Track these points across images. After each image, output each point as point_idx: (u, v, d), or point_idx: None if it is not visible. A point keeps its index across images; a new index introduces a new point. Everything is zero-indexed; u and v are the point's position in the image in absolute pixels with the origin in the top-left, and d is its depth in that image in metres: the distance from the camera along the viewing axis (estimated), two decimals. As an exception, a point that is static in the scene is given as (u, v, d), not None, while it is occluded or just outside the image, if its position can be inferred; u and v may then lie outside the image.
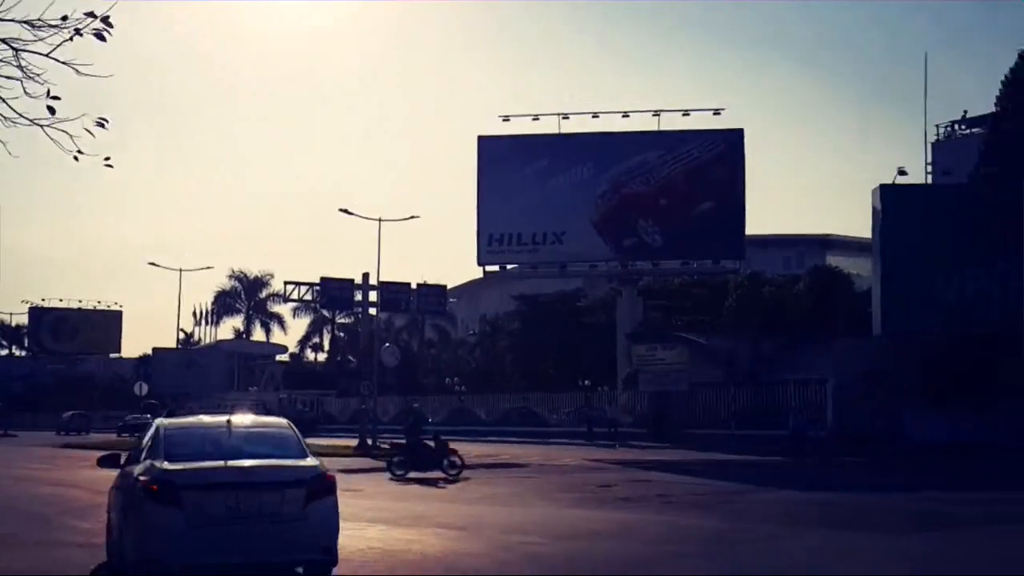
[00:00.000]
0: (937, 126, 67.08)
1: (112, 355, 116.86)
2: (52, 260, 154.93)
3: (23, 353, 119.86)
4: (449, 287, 53.94)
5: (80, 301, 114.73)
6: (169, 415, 15.25)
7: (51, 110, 8.45)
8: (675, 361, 47.70)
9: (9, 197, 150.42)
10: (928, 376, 37.24)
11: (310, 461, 10.60)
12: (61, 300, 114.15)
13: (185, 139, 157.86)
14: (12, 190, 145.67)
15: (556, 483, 24.87)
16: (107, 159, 9.15)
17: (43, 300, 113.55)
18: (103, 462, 12.60)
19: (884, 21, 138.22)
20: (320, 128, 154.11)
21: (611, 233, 55.17)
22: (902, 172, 43.48)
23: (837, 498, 20.36)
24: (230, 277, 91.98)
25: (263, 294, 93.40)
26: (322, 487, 10.28)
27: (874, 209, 40.06)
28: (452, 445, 26.78)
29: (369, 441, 42.57)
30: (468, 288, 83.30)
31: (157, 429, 11.19)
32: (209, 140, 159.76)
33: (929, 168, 72.66)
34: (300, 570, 10.49)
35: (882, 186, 39.86)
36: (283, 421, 11.96)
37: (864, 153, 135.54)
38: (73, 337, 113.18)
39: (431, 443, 27.11)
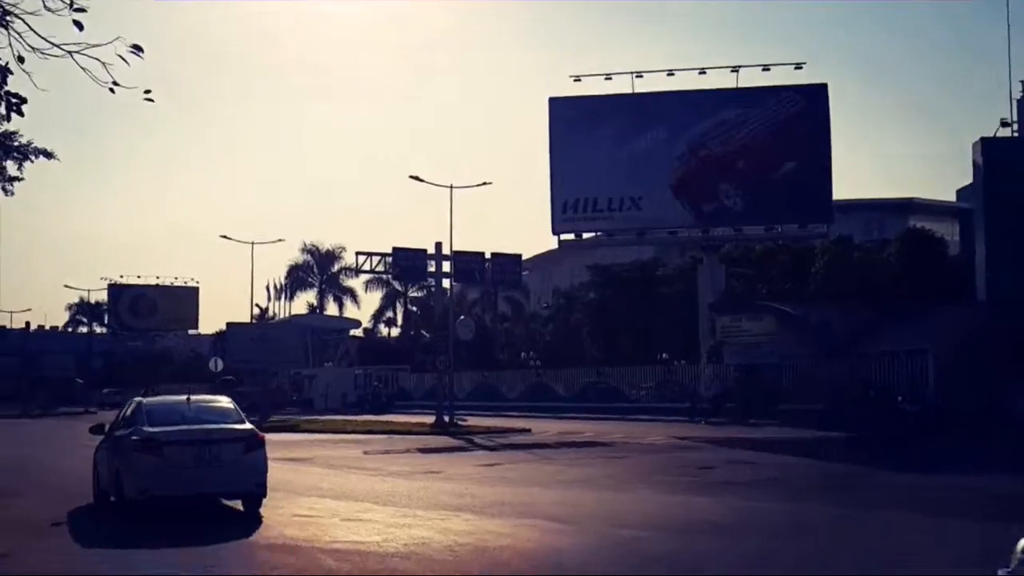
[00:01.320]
0: (1022, 81, 63.95)
1: (190, 331, 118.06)
2: (129, 238, 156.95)
3: (103, 330, 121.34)
4: (524, 258, 52.19)
5: (157, 278, 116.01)
6: (145, 395, 18.94)
7: (78, 25, 7.14)
8: (763, 332, 45.45)
9: (85, 178, 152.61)
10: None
11: (247, 426, 15.13)
12: (139, 277, 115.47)
13: (252, 114, 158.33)
14: (84, 171, 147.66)
15: (650, 464, 23.24)
16: (147, 92, 8.63)
17: (121, 277, 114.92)
18: (93, 430, 17.04)
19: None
20: (389, 98, 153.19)
21: (690, 197, 53.09)
22: (1005, 124, 40.60)
23: (965, 481, 18.35)
24: (303, 251, 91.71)
25: (335, 268, 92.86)
26: (255, 442, 14.75)
27: (975, 165, 37.52)
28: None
29: (446, 418, 41.27)
30: (541, 259, 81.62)
31: (139, 404, 15.77)
32: (275, 114, 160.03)
33: (1015, 127, 69.49)
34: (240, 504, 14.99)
35: (983, 139, 37.24)
36: (226, 398, 16.95)
37: (943, 114, 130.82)
38: (152, 314, 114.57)
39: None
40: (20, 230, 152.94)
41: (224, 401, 16.56)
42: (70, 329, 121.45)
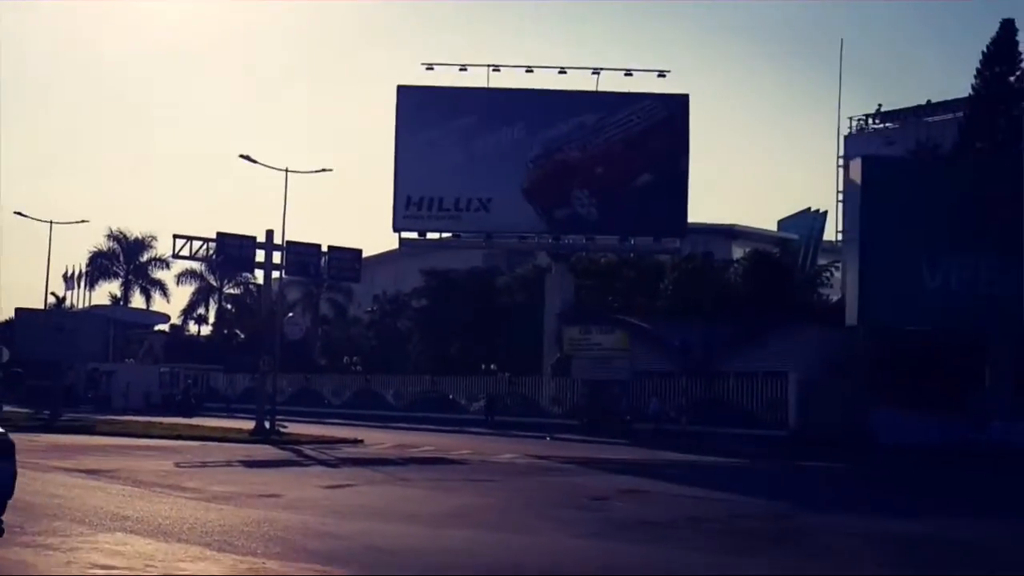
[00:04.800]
0: (851, 119, 64.92)
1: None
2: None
3: None
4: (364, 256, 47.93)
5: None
6: None
7: None
8: (614, 347, 43.00)
9: None
10: (905, 374, 33.55)
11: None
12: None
13: (75, 94, 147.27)
14: None
15: (528, 491, 19.70)
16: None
17: None
18: None
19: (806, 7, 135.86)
20: (224, 79, 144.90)
21: (543, 202, 50.17)
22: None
23: (922, 529, 15.54)
24: (108, 237, 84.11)
25: (144, 257, 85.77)
26: (7, 447, 12.36)
27: (850, 184, 35.96)
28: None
29: (267, 424, 36.76)
30: (372, 261, 77.24)
31: None
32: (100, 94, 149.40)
33: (841, 161, 70.44)
34: None
35: (864, 157, 35.74)
36: None
37: (771, 142, 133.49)
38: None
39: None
40: None
41: None
42: None
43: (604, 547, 12.39)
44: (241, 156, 39.64)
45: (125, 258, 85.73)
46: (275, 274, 40.53)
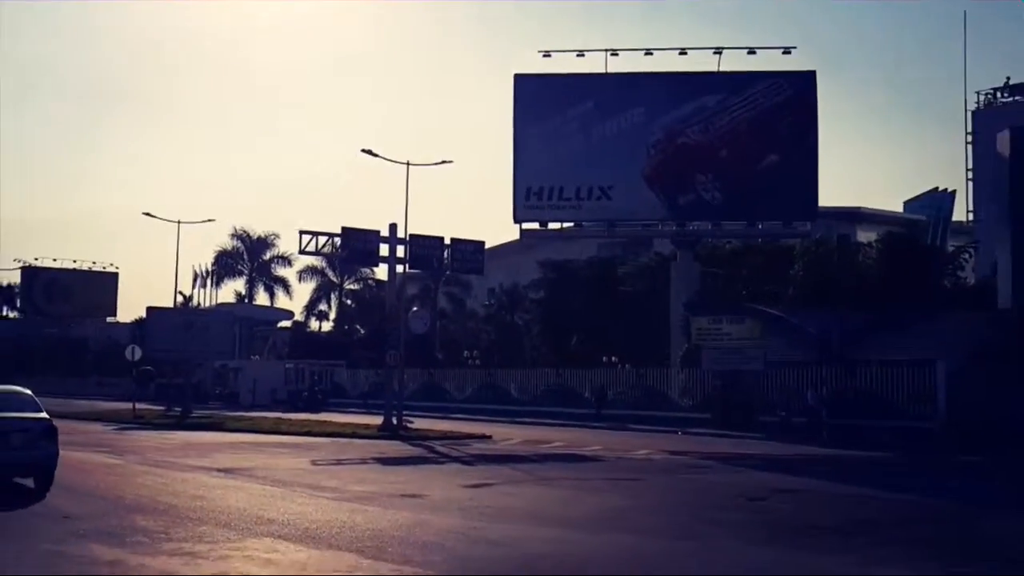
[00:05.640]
0: (978, 93, 61.72)
1: (108, 319, 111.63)
2: (48, 221, 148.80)
3: (15, 314, 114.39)
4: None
5: (74, 262, 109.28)
6: None
7: None
8: (745, 336, 41.27)
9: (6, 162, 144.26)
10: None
11: (41, 415, 16.45)
12: (55, 260, 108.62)
13: (208, 97, 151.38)
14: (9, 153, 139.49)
15: (678, 491, 18.68)
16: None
17: (36, 259, 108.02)
18: None
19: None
20: (345, 76, 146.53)
21: (665, 188, 48.90)
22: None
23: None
24: (232, 236, 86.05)
25: (267, 255, 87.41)
26: (51, 431, 16.22)
27: (999, 157, 33.73)
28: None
29: (394, 420, 36.44)
30: (487, 255, 76.81)
31: None
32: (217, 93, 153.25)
33: (969, 137, 67.12)
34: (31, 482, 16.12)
35: (1013, 128, 33.47)
36: (26, 391, 17.62)
37: (895, 124, 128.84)
38: (67, 299, 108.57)
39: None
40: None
41: (25, 392, 17.79)
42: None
43: (790, 559, 11.27)
44: (363, 151, 39.55)
45: (249, 256, 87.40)
46: (398, 268, 40.28)
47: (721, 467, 24.04)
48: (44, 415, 16.49)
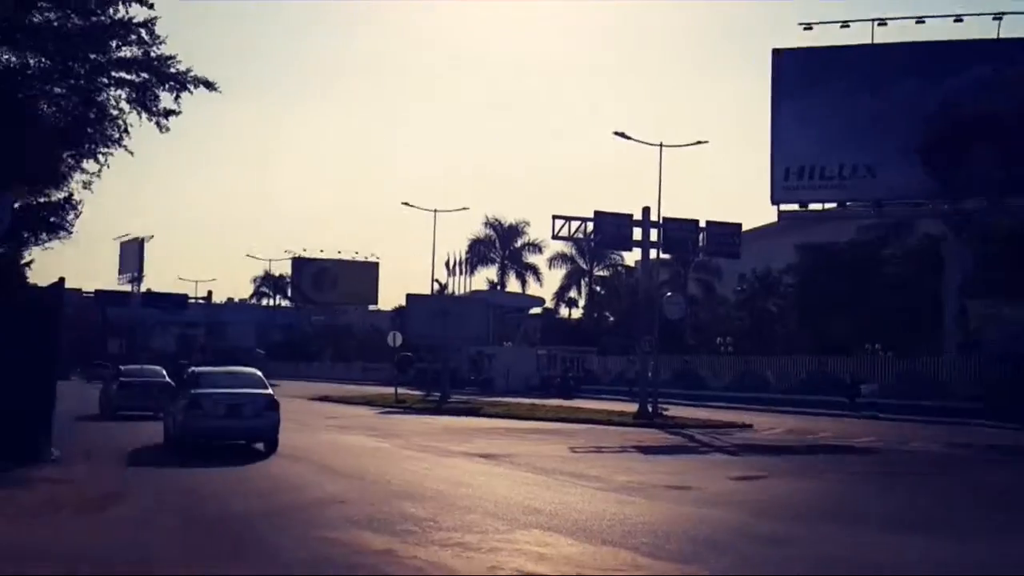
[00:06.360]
0: None
1: (370, 307, 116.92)
2: (307, 204, 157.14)
3: (286, 303, 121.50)
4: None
5: (339, 252, 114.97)
6: (198, 365, 27.35)
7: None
8: (1032, 322, 38.00)
9: (276, 153, 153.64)
10: None
11: (268, 391, 20.10)
12: (321, 251, 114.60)
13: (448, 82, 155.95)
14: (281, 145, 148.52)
15: (976, 487, 16.94)
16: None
17: (304, 250, 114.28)
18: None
19: None
20: (595, 59, 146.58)
21: (937, 164, 45.59)
22: None
23: None
24: (485, 224, 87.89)
25: (518, 243, 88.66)
26: (274, 404, 19.67)
27: None
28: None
29: (649, 407, 35.68)
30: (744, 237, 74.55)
31: (193, 372, 22.00)
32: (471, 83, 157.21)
33: None
34: (261, 446, 19.75)
35: None
36: (256, 371, 21.95)
37: None
38: (333, 288, 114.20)
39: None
40: (203, 199, 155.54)
41: (253, 371, 21.99)
42: (254, 301, 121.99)
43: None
44: (615, 133, 38.95)
45: (501, 244, 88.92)
46: (651, 253, 39.40)
47: (1014, 461, 21.84)
48: (269, 391, 19.94)
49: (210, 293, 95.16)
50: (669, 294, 41.67)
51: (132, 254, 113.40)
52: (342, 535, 10.28)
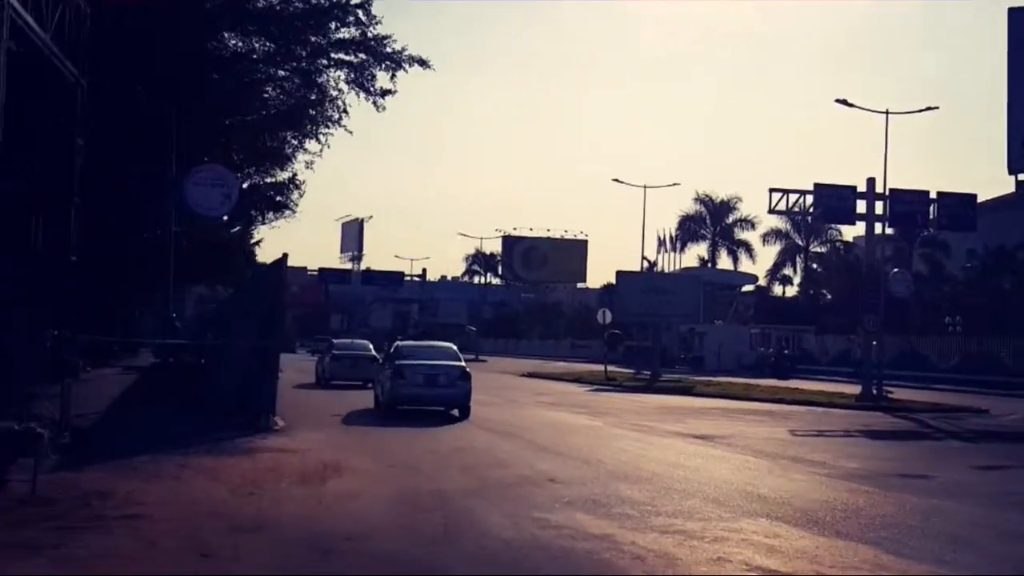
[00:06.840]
0: None
1: (579, 284, 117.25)
2: (522, 186, 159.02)
3: (497, 281, 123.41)
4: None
5: (548, 230, 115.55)
6: (402, 340, 32.37)
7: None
8: None
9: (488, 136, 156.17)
10: None
11: (462, 363, 22.51)
12: (531, 229, 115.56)
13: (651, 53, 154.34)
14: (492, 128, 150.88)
15: None
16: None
17: (514, 229, 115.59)
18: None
19: None
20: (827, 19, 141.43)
21: None
22: None
23: None
24: (695, 200, 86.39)
25: (730, 219, 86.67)
26: (466, 375, 22.06)
27: None
28: None
29: (874, 389, 33.89)
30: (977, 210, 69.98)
31: (396, 345, 25.06)
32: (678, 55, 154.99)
33: None
34: (456, 412, 21.79)
35: None
36: (451, 345, 25.00)
37: None
38: (542, 266, 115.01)
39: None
40: (418, 179, 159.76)
41: (449, 345, 24.78)
42: (466, 279, 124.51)
43: None
44: (837, 101, 37.06)
45: (711, 220, 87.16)
46: (875, 227, 37.36)
47: None
48: (462, 363, 22.48)
49: (424, 271, 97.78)
50: (896, 271, 39.53)
51: (352, 233, 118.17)
52: (556, 516, 9.93)
